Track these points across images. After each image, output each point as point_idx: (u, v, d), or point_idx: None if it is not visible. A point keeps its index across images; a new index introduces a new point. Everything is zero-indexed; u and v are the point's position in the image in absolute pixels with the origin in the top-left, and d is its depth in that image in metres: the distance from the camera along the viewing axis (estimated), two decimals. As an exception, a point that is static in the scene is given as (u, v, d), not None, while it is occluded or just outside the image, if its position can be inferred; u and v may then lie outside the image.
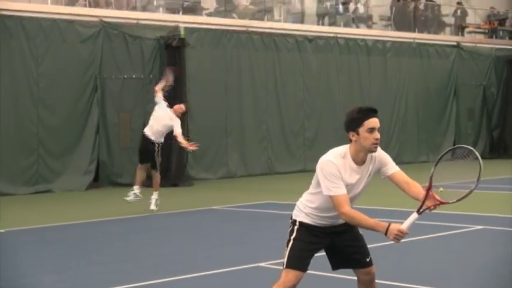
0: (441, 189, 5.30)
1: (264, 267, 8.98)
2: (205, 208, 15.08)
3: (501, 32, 33.74)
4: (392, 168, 5.64)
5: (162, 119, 14.31)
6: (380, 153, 5.61)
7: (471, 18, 33.00)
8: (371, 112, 5.57)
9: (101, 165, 20.44)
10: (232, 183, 21.11)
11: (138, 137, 21.16)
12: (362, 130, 5.43)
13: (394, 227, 5.25)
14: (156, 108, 14.57)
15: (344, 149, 5.52)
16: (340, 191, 5.33)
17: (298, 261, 5.62)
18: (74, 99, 20.04)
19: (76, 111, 20.06)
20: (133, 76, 21.13)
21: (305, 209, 5.65)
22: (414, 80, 28.17)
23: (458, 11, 32.12)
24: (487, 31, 33.36)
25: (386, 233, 5.29)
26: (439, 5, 31.81)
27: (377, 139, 5.46)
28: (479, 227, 12.00)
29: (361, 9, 28.89)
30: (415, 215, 5.29)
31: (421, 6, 31.12)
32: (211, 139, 22.11)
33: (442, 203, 5.34)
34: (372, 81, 26.94)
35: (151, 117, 14.68)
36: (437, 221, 12.36)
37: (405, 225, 5.23)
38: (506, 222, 12.43)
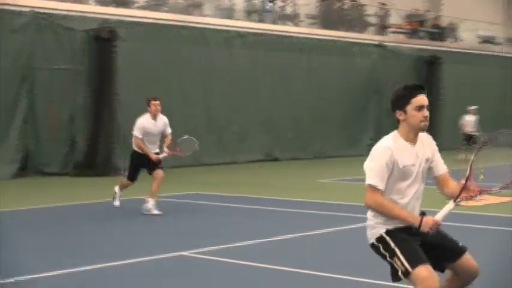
0: (482, 176, 5.04)
1: (187, 256, 9.08)
2: (132, 198, 15.11)
3: (422, 33, 34.45)
4: (442, 167, 5.36)
5: None
6: (428, 138, 5.32)
7: (394, 19, 33.58)
8: (418, 89, 5.17)
9: (29, 154, 20.26)
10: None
11: (66, 127, 21.16)
12: (410, 108, 5.10)
13: (429, 219, 5.02)
14: None
15: (392, 134, 5.23)
16: (380, 183, 5.05)
17: (417, 254, 5.05)
18: (3, 88, 19.72)
19: (5, 101, 19.72)
20: (63, 67, 20.92)
21: (376, 218, 5.20)
22: (337, 77, 28.48)
23: (382, 11, 32.63)
24: (408, 31, 33.97)
25: (420, 225, 5.01)
26: (363, 5, 32.26)
27: (426, 117, 5.09)
28: None
29: (288, 7, 29.19)
30: (451, 205, 5.08)
31: (346, 6, 31.54)
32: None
33: (482, 191, 5.05)
34: (297, 77, 27.24)
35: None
36: (354, 213, 12.70)
37: (440, 216, 5.05)
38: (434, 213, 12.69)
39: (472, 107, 25.98)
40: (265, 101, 25.85)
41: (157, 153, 12.94)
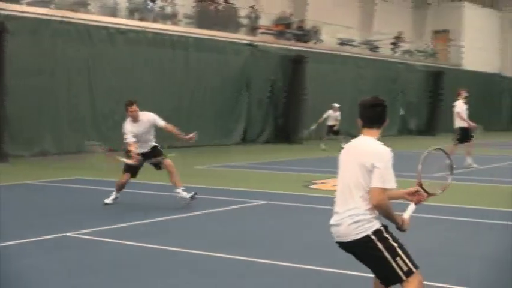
0: (427, 182, 5.06)
1: (71, 237, 9.02)
2: (18, 183, 14.79)
3: (288, 34, 35.03)
4: None
5: None
6: None
7: (263, 21, 33.99)
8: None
9: None
10: (46, 161, 20.71)
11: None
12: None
13: (407, 219, 4.98)
14: None
15: (376, 140, 5.06)
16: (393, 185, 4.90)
17: (411, 256, 4.92)
18: None
19: None
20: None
21: (371, 214, 4.89)
22: (212, 72, 28.61)
23: (253, 14, 32.98)
24: (276, 33, 34.42)
25: (402, 225, 4.95)
26: (236, 7, 32.51)
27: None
28: (263, 202, 12.44)
29: (168, 7, 29.07)
30: (413, 206, 5.08)
31: (221, 7, 31.69)
32: (28, 120, 21.61)
33: (430, 194, 5.08)
34: (175, 72, 27.21)
35: None
36: (226, 197, 12.91)
37: (407, 216, 5.02)
38: (288, 198, 12.99)
39: (336, 105, 26.74)
40: (146, 93, 25.67)
41: (155, 147, 12.25)
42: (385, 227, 4.89)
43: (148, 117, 12.13)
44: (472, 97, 21.91)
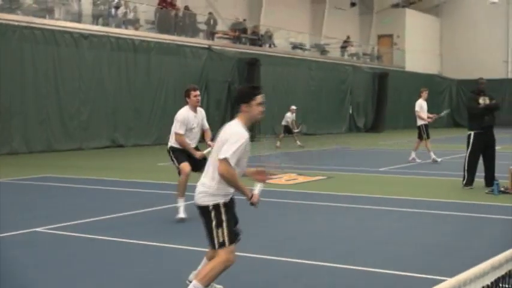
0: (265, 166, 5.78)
1: (41, 232, 8.94)
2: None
3: (243, 39, 35.09)
4: None
5: None
6: None
7: (220, 27, 33.98)
8: (260, 89, 5.62)
9: None
10: (16, 159, 20.43)
11: None
12: (254, 103, 5.47)
13: (257, 194, 5.53)
14: None
15: (237, 122, 5.48)
16: (234, 159, 5.31)
17: (235, 234, 5.51)
18: None
19: None
20: None
21: (218, 190, 5.39)
22: (173, 75, 28.54)
23: (210, 20, 32.95)
24: (232, 37, 34.49)
25: (251, 198, 5.48)
26: (194, 14, 32.44)
27: (263, 111, 5.55)
28: None
29: (130, 13, 28.87)
30: (261, 184, 5.64)
31: (180, 14, 31.58)
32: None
33: (272, 175, 5.84)
34: (137, 74, 27.08)
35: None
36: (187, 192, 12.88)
37: (257, 192, 5.57)
38: None
39: (293, 107, 26.96)
40: (110, 95, 25.53)
41: (196, 148, 10.00)
42: (226, 204, 5.40)
43: (202, 111, 10.23)
44: (414, 97, 22.30)
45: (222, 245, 5.37)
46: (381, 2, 51.22)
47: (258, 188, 5.62)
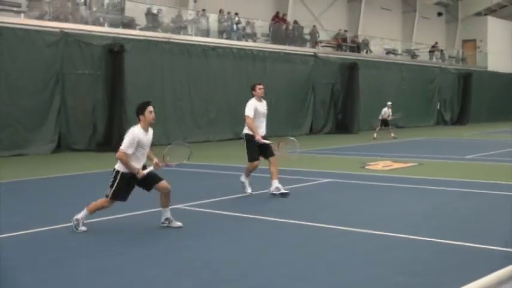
0: (168, 158, 7.59)
1: (182, 208, 8.92)
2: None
3: (344, 46, 34.70)
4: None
5: None
6: (151, 129, 7.48)
7: (324, 36, 33.79)
8: (149, 103, 7.27)
9: (62, 136, 20.12)
10: (158, 149, 20.99)
11: (89, 116, 21.02)
12: (147, 112, 7.24)
13: (141, 172, 7.23)
14: None
15: (137, 126, 7.27)
16: (130, 150, 7.19)
17: (122, 195, 7.28)
18: (42, 88, 19.55)
19: (43, 98, 19.56)
20: (86, 72, 20.74)
21: (122, 165, 7.21)
22: (284, 79, 28.51)
23: (316, 32, 32.77)
24: (334, 45, 34.19)
25: (137, 173, 7.20)
26: (302, 27, 32.40)
27: (154, 117, 7.30)
28: (328, 180, 12.26)
29: (248, 28, 29.18)
30: (151, 168, 7.35)
31: (290, 27, 31.62)
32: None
33: (167, 165, 7.54)
34: (255, 79, 27.10)
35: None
36: (298, 176, 12.86)
37: (146, 172, 7.29)
38: (348, 177, 12.80)
39: (389, 103, 26.35)
40: (232, 96, 25.90)
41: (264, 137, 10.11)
42: (123, 174, 7.19)
43: (264, 101, 10.35)
44: (495, 93, 21.21)
45: (106, 196, 7.29)
46: (465, 11, 49.19)
47: (147, 170, 7.28)
